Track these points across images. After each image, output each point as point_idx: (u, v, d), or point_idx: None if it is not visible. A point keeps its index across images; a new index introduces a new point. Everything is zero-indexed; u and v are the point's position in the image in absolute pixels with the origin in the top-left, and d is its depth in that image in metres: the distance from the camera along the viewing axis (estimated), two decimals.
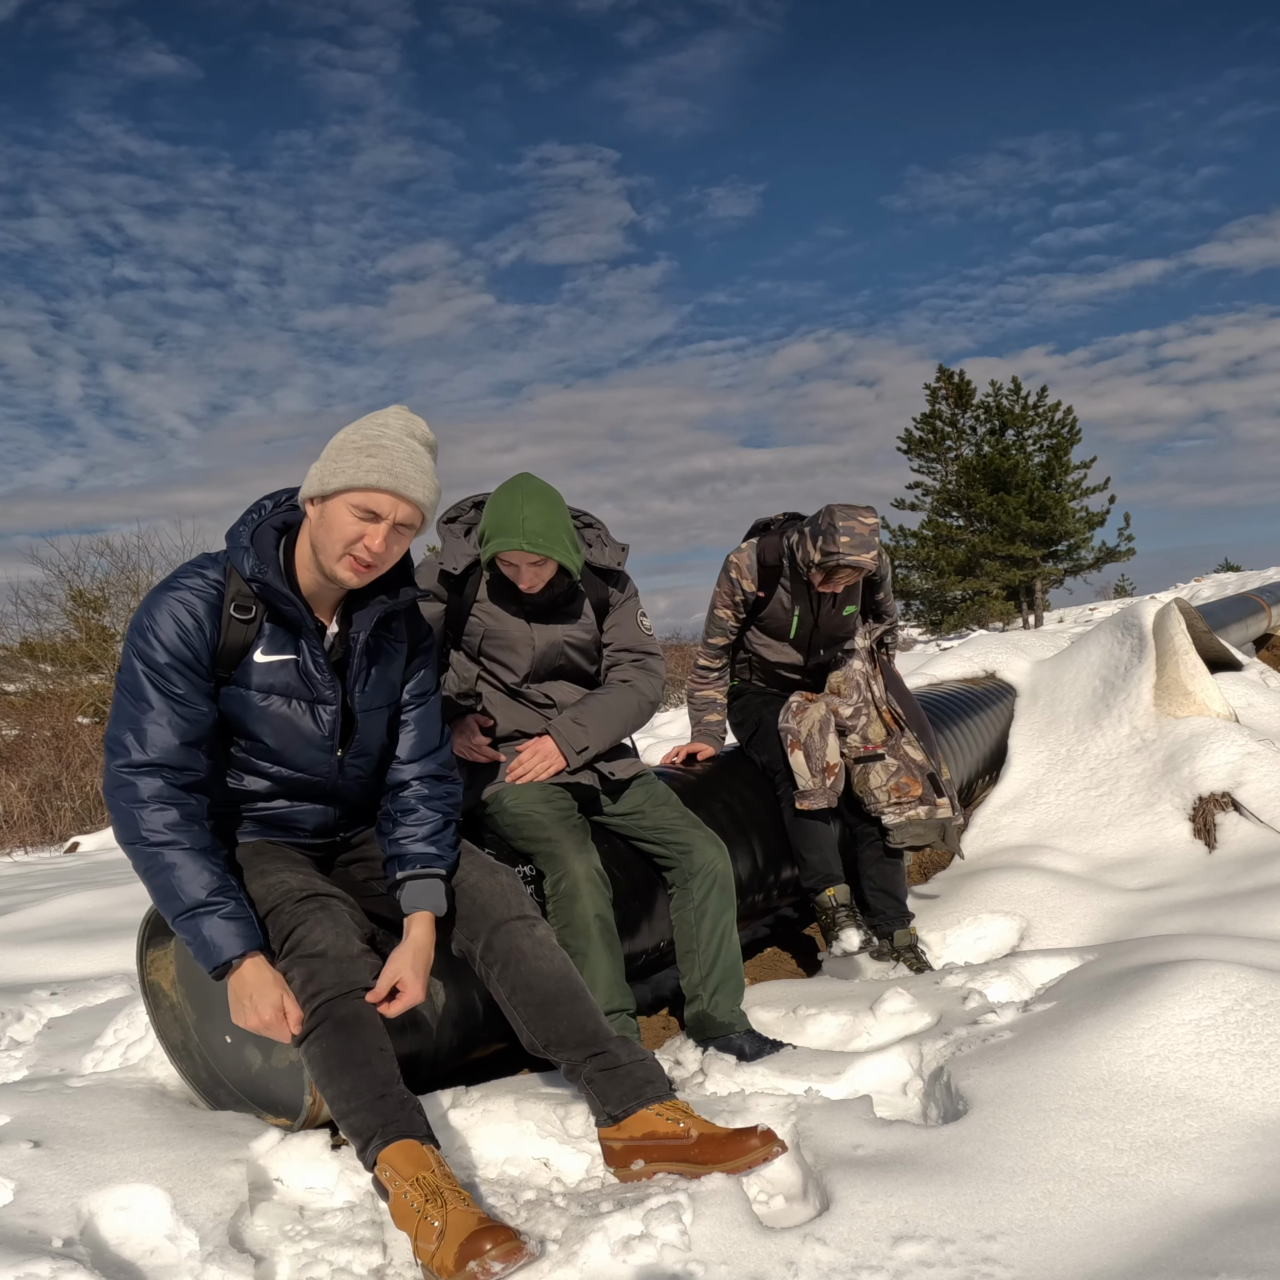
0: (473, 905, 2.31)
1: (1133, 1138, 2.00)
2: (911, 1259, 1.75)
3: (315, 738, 2.26)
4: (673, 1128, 2.08)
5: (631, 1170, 2.10)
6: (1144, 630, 5.01)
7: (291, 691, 2.23)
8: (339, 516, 2.12)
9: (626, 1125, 2.12)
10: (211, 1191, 2.05)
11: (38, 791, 14.22)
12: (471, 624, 2.94)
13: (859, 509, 3.47)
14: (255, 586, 2.16)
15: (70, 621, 23.54)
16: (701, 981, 2.85)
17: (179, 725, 2.13)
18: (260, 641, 2.20)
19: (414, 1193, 1.88)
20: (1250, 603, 9.20)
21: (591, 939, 2.60)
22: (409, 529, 2.19)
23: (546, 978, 2.24)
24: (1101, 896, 3.71)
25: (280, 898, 2.15)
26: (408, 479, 2.13)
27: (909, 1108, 2.40)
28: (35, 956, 4.29)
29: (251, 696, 2.20)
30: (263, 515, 2.24)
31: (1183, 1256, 1.68)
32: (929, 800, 3.51)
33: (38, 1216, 1.94)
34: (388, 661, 2.35)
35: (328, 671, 2.24)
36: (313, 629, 2.22)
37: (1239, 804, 4.14)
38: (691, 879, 2.88)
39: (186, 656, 2.13)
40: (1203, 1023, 2.24)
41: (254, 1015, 2.05)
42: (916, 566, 35.02)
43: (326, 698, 2.25)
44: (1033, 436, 34.78)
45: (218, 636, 2.16)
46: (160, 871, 2.09)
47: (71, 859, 9.72)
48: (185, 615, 2.14)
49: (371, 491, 2.11)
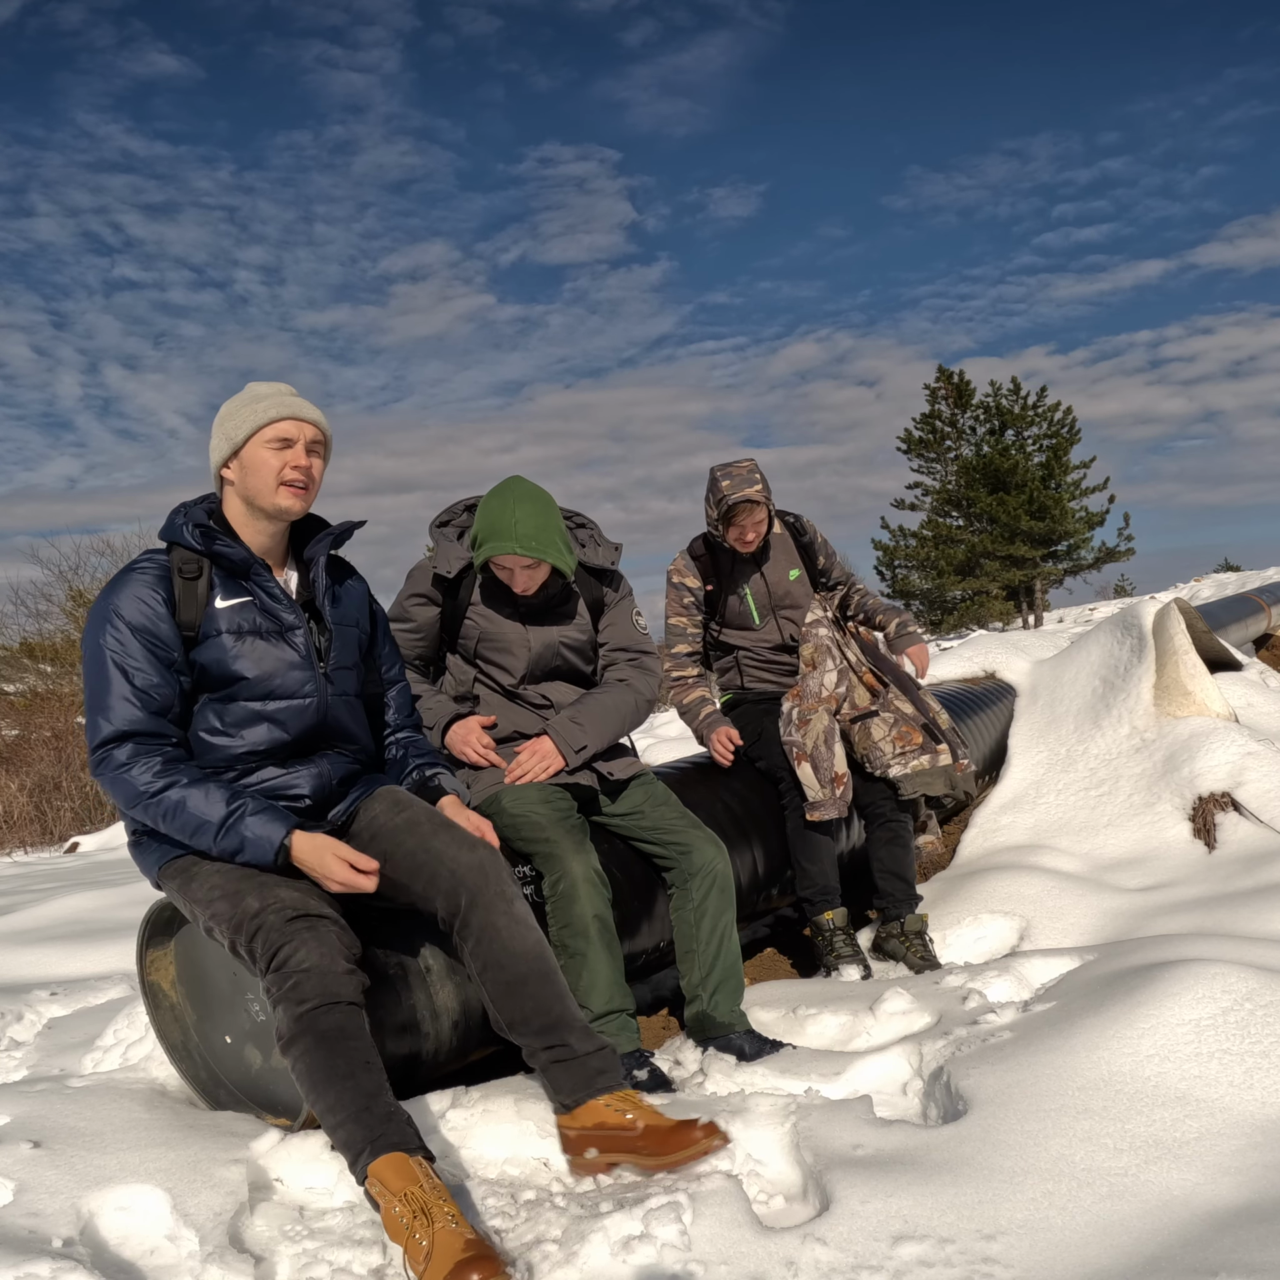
0: (452, 878, 2.30)
1: (1132, 1138, 2.00)
2: (911, 1259, 1.75)
3: (294, 660, 2.38)
4: (620, 1119, 2.14)
5: (586, 1159, 2.16)
6: (1144, 630, 5.01)
7: (258, 628, 2.36)
8: (258, 457, 2.35)
9: (578, 1115, 2.19)
10: (211, 1191, 2.05)
11: (37, 792, 14.22)
12: (467, 627, 2.95)
13: (734, 461, 3.70)
14: (198, 533, 2.32)
15: (70, 621, 23.53)
16: (701, 981, 2.85)
17: (141, 697, 2.25)
18: (215, 593, 2.34)
19: (403, 1208, 1.88)
20: (1250, 603, 9.20)
21: (590, 939, 2.60)
22: (319, 446, 2.41)
23: (518, 958, 2.26)
24: (1101, 896, 3.71)
25: (272, 914, 2.14)
26: (299, 405, 2.39)
27: (909, 1108, 2.40)
28: (35, 957, 4.29)
29: (225, 640, 2.33)
30: (187, 507, 2.42)
31: (1182, 1256, 1.68)
32: (929, 749, 3.56)
33: (38, 1216, 1.95)
34: (350, 591, 2.55)
35: (285, 599, 2.39)
36: (260, 565, 2.37)
37: (1239, 804, 4.13)
38: (691, 879, 2.88)
39: (148, 627, 2.27)
40: (1202, 1023, 2.24)
41: (332, 884, 2.21)
42: (916, 566, 35.06)
43: (291, 623, 2.39)
44: (1032, 436, 34.82)
45: (173, 599, 2.30)
46: (173, 812, 2.21)
47: (71, 859, 9.72)
48: (140, 589, 2.29)
49: (275, 423, 2.35)
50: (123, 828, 2.54)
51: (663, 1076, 2.63)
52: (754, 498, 3.58)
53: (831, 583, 3.99)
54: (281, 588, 2.40)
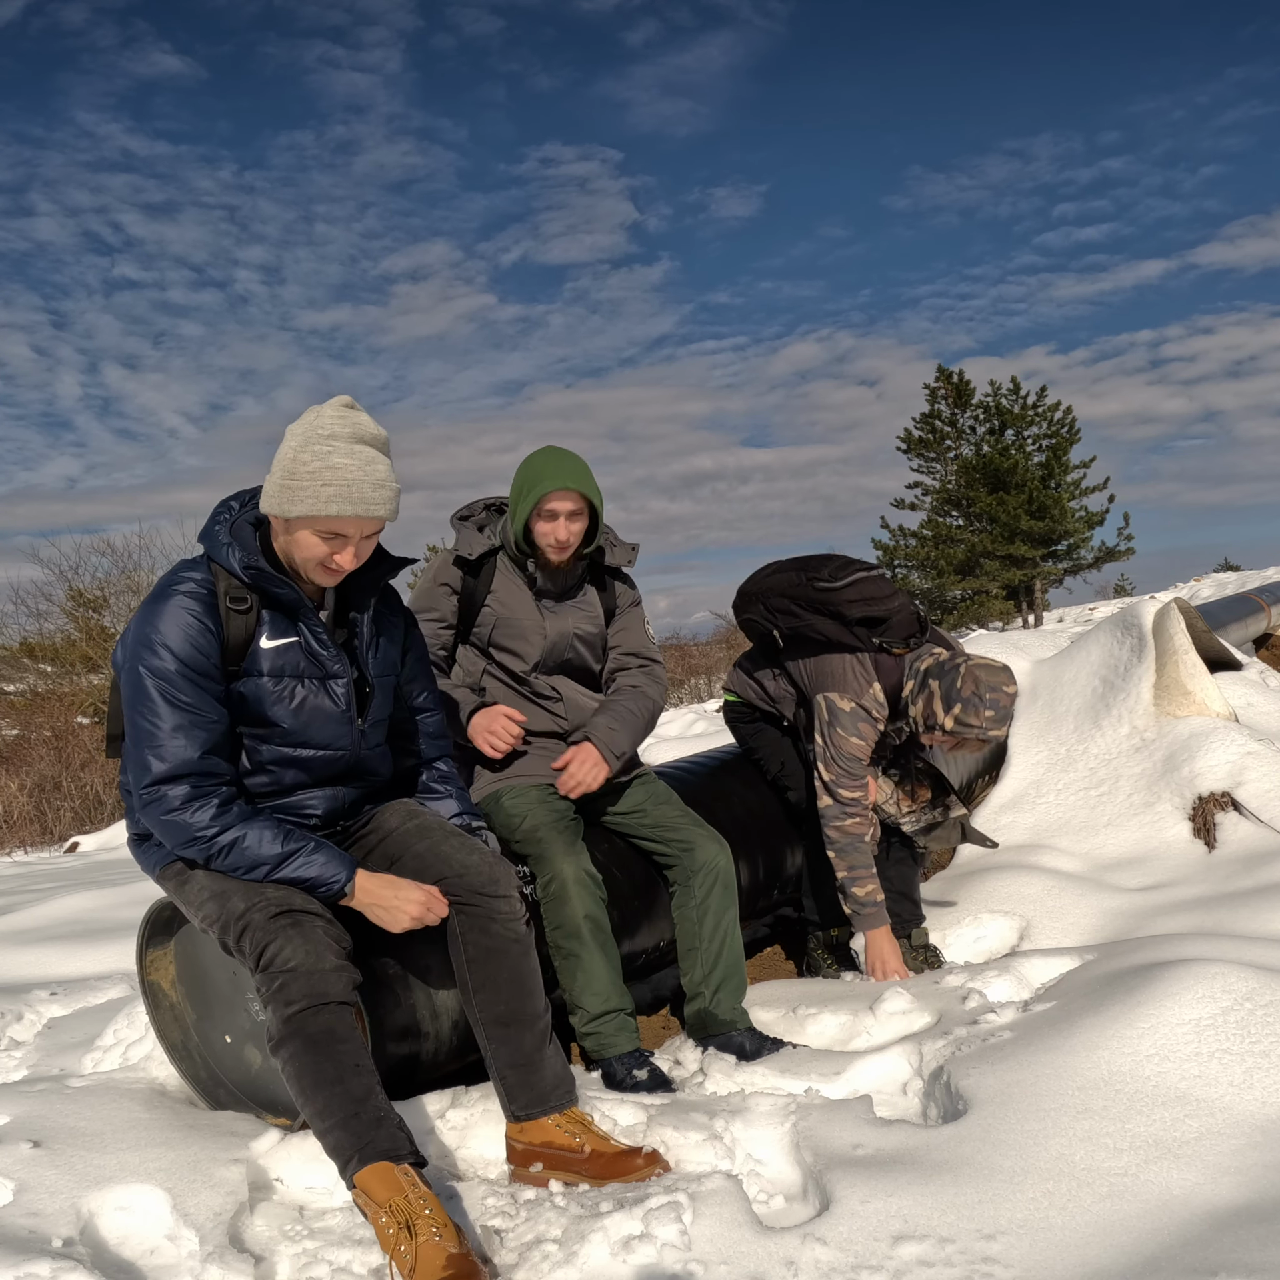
0: (460, 881, 2.30)
1: (1132, 1137, 2.00)
2: (911, 1258, 1.75)
3: (334, 713, 2.30)
4: (569, 1141, 2.18)
5: (529, 1172, 2.18)
6: (1143, 630, 5.01)
7: (302, 672, 2.26)
8: (305, 540, 2.17)
9: (528, 1129, 2.21)
10: (211, 1191, 2.05)
11: (37, 791, 14.23)
12: (484, 614, 2.95)
13: (1000, 672, 3.07)
14: (249, 574, 2.17)
15: (70, 621, 23.54)
16: (704, 979, 2.86)
17: (196, 736, 2.14)
18: (263, 629, 2.23)
19: (388, 1219, 1.88)
20: (1250, 602, 9.19)
21: (583, 940, 2.60)
22: (376, 535, 2.24)
23: (503, 959, 2.27)
24: (1101, 896, 3.71)
25: (256, 912, 2.12)
26: (367, 502, 2.14)
27: (909, 1107, 2.41)
28: (35, 956, 4.29)
29: (265, 683, 2.23)
30: (233, 515, 2.25)
31: (1182, 1256, 1.68)
32: (939, 802, 3.51)
33: (38, 1216, 1.95)
34: (390, 630, 2.43)
35: (332, 647, 2.29)
36: (310, 608, 2.25)
37: (1238, 803, 4.13)
38: (693, 876, 2.88)
39: (197, 660, 2.14)
40: (1202, 1022, 2.24)
41: (406, 917, 2.18)
42: (916, 566, 35.03)
43: (336, 672, 2.29)
44: (1032, 436, 34.77)
45: (222, 632, 2.18)
46: (227, 852, 2.15)
47: (71, 859, 9.72)
48: (188, 618, 2.14)
49: (334, 519, 2.13)
50: (123, 826, 2.52)
51: (662, 1076, 2.63)
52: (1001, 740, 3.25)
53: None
54: (327, 630, 2.29)
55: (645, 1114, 2.32)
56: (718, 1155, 2.15)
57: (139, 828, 2.35)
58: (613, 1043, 2.63)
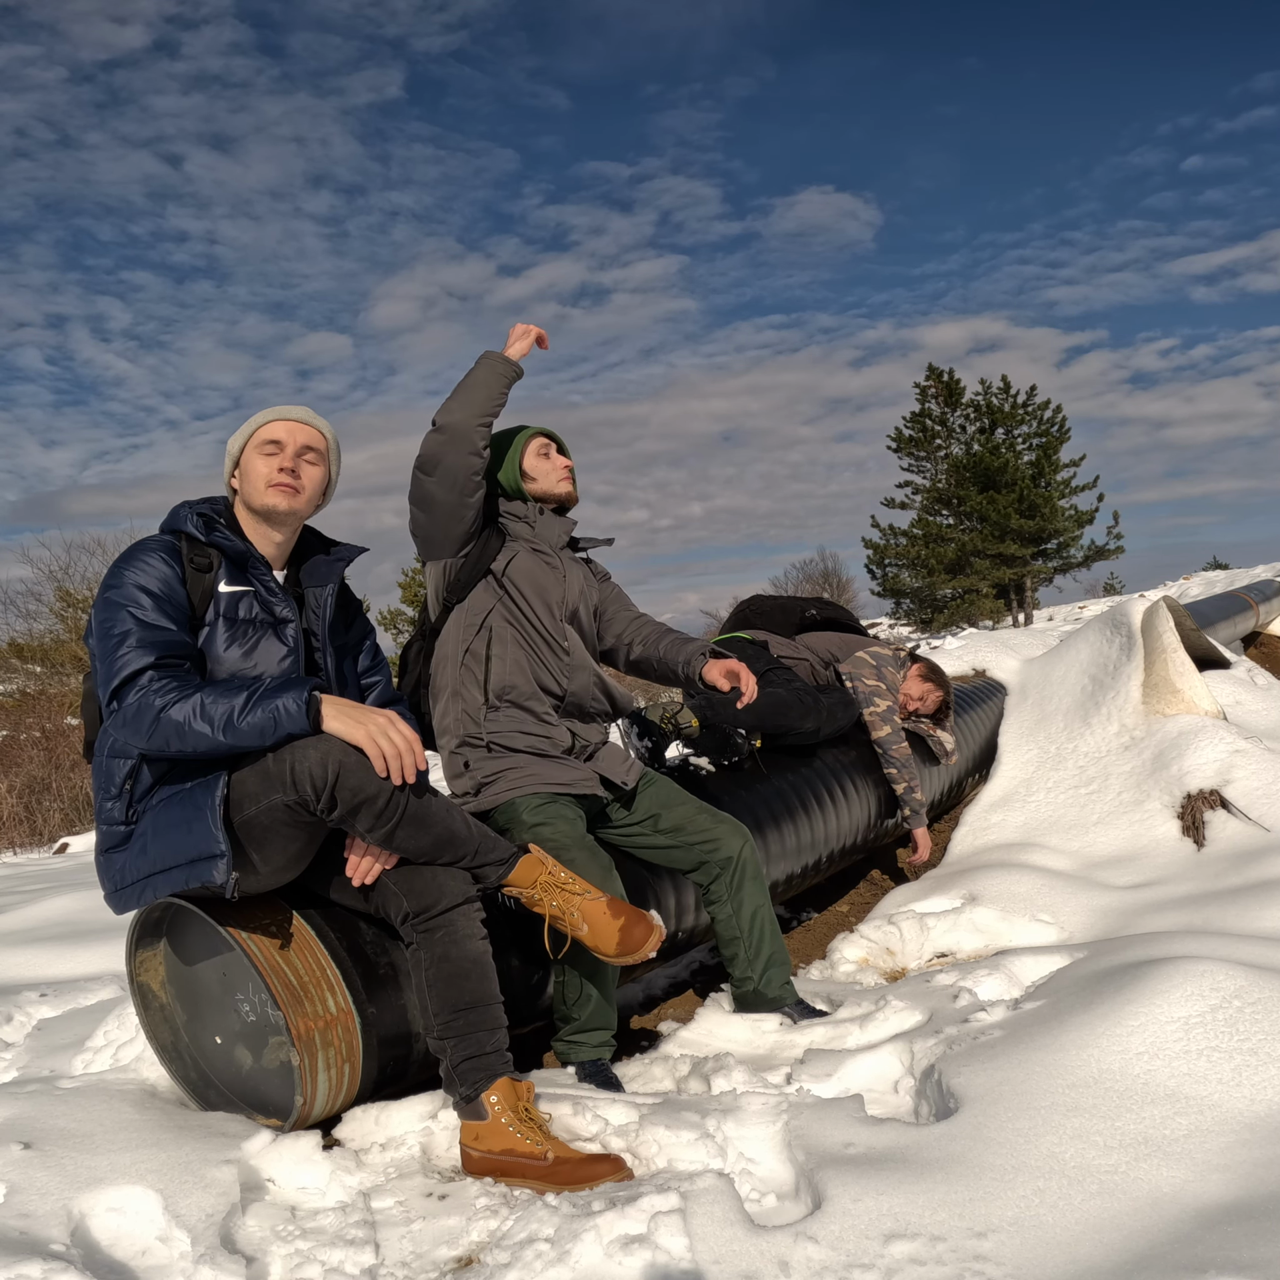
0: (431, 881, 2.29)
1: (1122, 1135, 2.01)
2: (903, 1257, 1.75)
3: (282, 652, 2.40)
4: (531, 1148, 2.15)
5: (483, 1182, 2.16)
6: (1132, 628, 5.03)
7: (255, 616, 2.39)
8: (253, 464, 2.42)
9: (484, 1137, 2.19)
10: (203, 1192, 2.04)
11: (27, 792, 14.15)
12: (508, 547, 2.92)
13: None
14: (200, 523, 2.36)
15: (59, 622, 23.44)
16: (750, 963, 2.92)
17: (160, 642, 2.21)
18: (221, 576, 2.38)
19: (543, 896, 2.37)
20: (1238, 600, 9.24)
21: (597, 966, 2.60)
22: (313, 452, 2.46)
23: (465, 953, 2.27)
24: (1091, 894, 3.72)
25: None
26: (291, 410, 2.47)
27: (900, 1106, 2.41)
28: (24, 958, 4.28)
29: (220, 625, 2.35)
30: (191, 503, 2.45)
31: (1172, 1253, 1.68)
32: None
33: (28, 1218, 1.94)
34: (350, 619, 2.62)
35: (280, 594, 2.43)
36: (259, 558, 2.42)
37: (1227, 801, 4.15)
38: (724, 873, 2.91)
39: (162, 587, 2.27)
40: (1191, 1020, 2.24)
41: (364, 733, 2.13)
42: (906, 565, 35.09)
43: (285, 616, 2.42)
44: (1022, 435, 34.87)
45: (184, 580, 2.32)
46: (192, 717, 2.12)
47: (60, 860, 9.69)
48: (157, 560, 2.30)
49: (264, 426, 2.44)
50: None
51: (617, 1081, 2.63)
52: None
53: None
54: (277, 582, 2.44)
55: (637, 1113, 2.32)
56: (709, 1154, 2.15)
57: (109, 841, 2.31)
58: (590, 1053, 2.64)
